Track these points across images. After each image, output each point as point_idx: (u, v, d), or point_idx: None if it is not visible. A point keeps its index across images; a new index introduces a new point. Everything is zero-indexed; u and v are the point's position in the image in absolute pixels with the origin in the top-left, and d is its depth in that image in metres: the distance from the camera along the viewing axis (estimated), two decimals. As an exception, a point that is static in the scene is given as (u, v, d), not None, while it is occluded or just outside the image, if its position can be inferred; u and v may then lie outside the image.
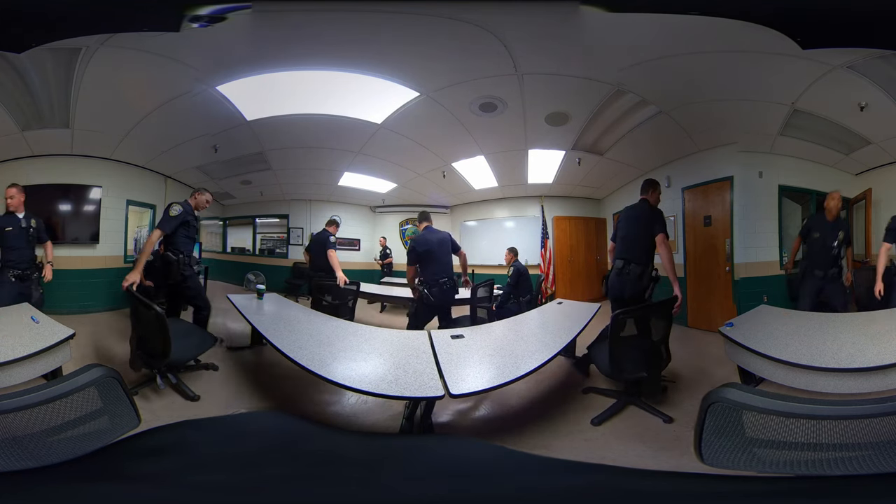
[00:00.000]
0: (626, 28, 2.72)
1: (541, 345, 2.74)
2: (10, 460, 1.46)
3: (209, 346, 3.03)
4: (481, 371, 2.38)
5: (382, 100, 3.56)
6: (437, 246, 3.51)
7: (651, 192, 3.36)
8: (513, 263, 4.21)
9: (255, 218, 4.88)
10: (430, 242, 3.52)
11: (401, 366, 2.37)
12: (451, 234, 3.70)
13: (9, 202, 3.20)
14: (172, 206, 3.42)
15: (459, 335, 2.89)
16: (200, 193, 3.64)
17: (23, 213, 3.24)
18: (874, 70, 2.83)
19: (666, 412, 2.61)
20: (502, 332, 3.18)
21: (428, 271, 3.46)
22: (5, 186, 3.29)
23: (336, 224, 4.24)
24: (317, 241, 4.27)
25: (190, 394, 2.77)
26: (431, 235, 3.56)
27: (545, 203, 4.75)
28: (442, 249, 3.51)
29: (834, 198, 3.28)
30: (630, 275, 3.26)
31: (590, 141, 3.97)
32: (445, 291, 3.47)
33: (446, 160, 4.34)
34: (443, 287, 3.44)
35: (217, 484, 1.51)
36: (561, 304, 3.98)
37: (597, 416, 2.60)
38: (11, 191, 3.21)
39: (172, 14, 2.52)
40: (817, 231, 3.31)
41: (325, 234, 4.21)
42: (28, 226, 3.21)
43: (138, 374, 2.86)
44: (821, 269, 3.25)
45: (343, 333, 3.00)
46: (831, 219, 3.28)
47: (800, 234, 3.43)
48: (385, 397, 2.13)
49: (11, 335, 2.49)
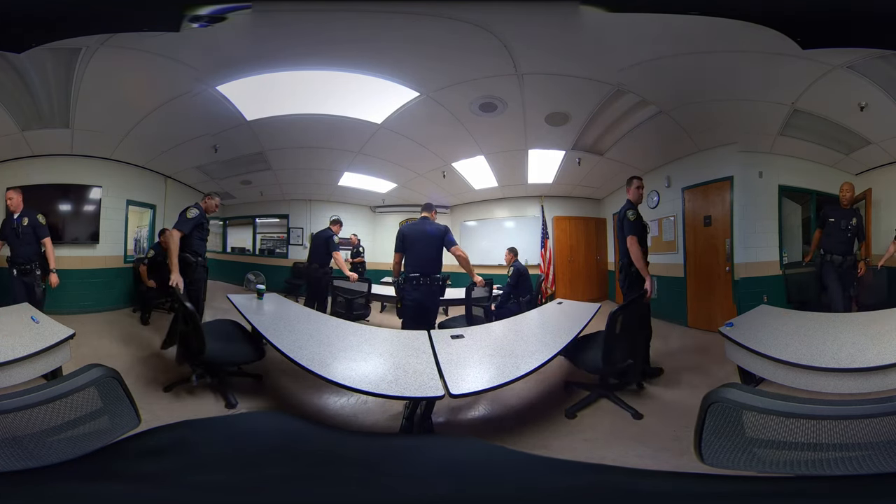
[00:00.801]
0: (626, 28, 2.72)
1: (541, 345, 2.74)
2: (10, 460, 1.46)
3: (255, 359, 2.94)
4: (481, 371, 2.38)
5: (382, 100, 3.56)
6: (422, 237, 3.24)
7: (628, 189, 3.41)
8: (513, 263, 4.20)
9: (255, 218, 4.88)
10: (416, 232, 3.26)
11: (401, 366, 2.37)
12: (450, 229, 3.36)
13: (8, 203, 3.31)
14: (189, 209, 3.50)
15: (459, 335, 2.89)
16: (210, 198, 3.72)
17: (18, 213, 3.32)
18: (874, 70, 2.83)
19: (638, 408, 2.69)
20: (502, 332, 3.18)
21: (406, 263, 3.23)
22: (4, 188, 3.33)
23: (339, 223, 4.24)
24: (318, 238, 4.27)
25: (231, 401, 2.77)
26: (422, 225, 3.31)
27: (545, 203, 4.75)
28: (426, 242, 3.22)
29: (846, 188, 3.33)
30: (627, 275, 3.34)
31: (590, 141, 3.97)
32: (416, 288, 3.17)
33: (446, 160, 4.34)
34: (413, 283, 3.17)
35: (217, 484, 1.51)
36: (561, 304, 3.98)
37: (570, 408, 2.70)
38: (10, 193, 3.33)
39: (172, 14, 2.52)
40: (832, 216, 3.35)
41: (328, 232, 4.21)
42: (18, 224, 3.31)
43: (176, 372, 2.94)
44: (839, 255, 3.29)
45: (343, 333, 2.99)
46: (846, 206, 3.33)
47: (818, 225, 3.45)
48: (385, 397, 2.13)
49: (11, 335, 2.49)
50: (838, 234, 3.32)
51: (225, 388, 2.84)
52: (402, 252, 3.30)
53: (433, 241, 3.24)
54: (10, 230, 3.30)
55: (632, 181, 3.40)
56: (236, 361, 2.98)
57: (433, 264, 3.23)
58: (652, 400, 2.94)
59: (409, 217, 5.07)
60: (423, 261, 3.22)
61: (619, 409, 2.72)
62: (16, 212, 3.31)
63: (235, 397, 2.79)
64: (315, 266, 4.06)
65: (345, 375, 2.25)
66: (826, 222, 3.38)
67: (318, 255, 4.13)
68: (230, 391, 2.82)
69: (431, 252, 3.24)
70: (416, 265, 3.22)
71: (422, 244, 3.24)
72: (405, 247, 3.28)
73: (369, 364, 2.50)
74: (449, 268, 3.48)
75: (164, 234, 3.80)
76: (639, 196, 3.38)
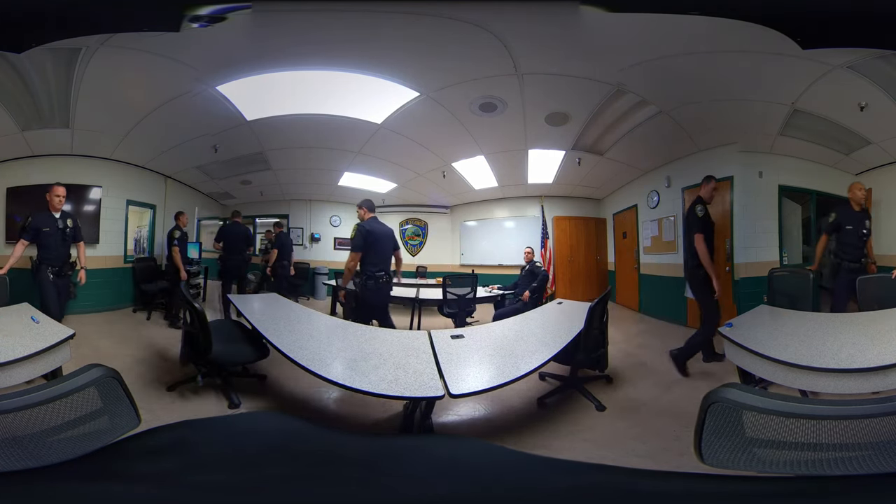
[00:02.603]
0: (626, 28, 2.72)
1: (541, 345, 2.74)
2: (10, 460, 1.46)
3: (259, 358, 2.94)
4: (481, 371, 2.38)
5: (382, 100, 3.56)
6: (384, 236, 3.41)
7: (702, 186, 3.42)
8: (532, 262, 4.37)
9: (255, 218, 4.88)
10: (378, 233, 3.39)
11: (401, 366, 2.37)
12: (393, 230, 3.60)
13: (57, 200, 3.25)
14: None
15: (459, 335, 2.89)
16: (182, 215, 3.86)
17: (59, 214, 3.28)
18: (874, 70, 2.83)
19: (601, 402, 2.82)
20: (502, 332, 3.18)
21: (369, 262, 3.33)
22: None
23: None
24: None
25: (235, 400, 2.77)
26: (379, 226, 3.42)
27: (545, 203, 4.75)
28: (387, 244, 3.42)
29: (858, 187, 3.22)
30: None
31: (590, 141, 3.97)
32: (381, 286, 3.35)
33: (446, 160, 4.35)
34: (378, 281, 3.32)
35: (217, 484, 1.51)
36: (561, 304, 3.97)
37: (542, 397, 2.87)
38: (59, 189, 3.27)
39: (172, 14, 2.52)
40: (849, 223, 3.19)
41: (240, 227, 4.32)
42: (65, 226, 3.28)
43: (177, 372, 2.97)
44: (856, 262, 3.15)
45: (343, 333, 2.99)
46: (858, 209, 3.22)
47: (825, 231, 3.30)
48: (385, 397, 2.13)
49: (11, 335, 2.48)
50: (855, 241, 3.16)
51: (228, 388, 2.84)
52: (362, 251, 3.33)
53: (390, 242, 3.46)
54: (56, 231, 3.22)
55: (708, 179, 3.37)
56: (241, 361, 2.99)
57: (389, 263, 3.43)
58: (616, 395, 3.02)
59: (410, 217, 5.08)
60: (386, 259, 3.39)
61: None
62: (55, 211, 3.26)
63: (238, 397, 2.79)
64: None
65: (345, 375, 2.25)
66: (842, 229, 3.20)
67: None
68: (233, 391, 2.82)
69: (389, 252, 3.43)
70: (380, 263, 3.35)
71: (382, 243, 3.38)
72: (371, 247, 3.33)
73: (369, 364, 2.49)
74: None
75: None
76: (711, 194, 3.36)
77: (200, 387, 2.86)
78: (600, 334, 3.00)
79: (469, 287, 4.00)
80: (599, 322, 3.00)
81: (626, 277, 4.72)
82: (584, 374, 3.12)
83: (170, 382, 2.90)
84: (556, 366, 2.91)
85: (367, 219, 3.45)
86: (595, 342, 2.92)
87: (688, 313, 3.86)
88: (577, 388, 3.00)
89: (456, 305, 3.90)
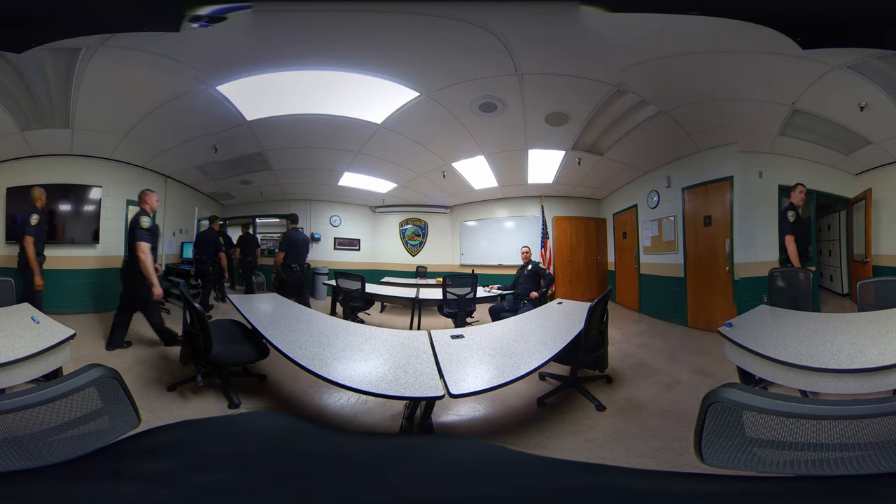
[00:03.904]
0: (626, 28, 2.72)
1: (541, 345, 2.74)
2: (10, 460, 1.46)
3: (259, 358, 2.95)
4: (481, 371, 2.38)
5: (382, 100, 3.56)
6: (301, 242, 4.58)
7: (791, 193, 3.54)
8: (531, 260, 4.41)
9: (255, 218, 4.88)
10: (297, 240, 4.53)
11: (401, 366, 2.36)
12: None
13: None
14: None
15: (459, 335, 2.89)
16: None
17: None
18: (874, 70, 2.83)
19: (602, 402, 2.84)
20: (502, 332, 3.18)
21: (290, 258, 4.43)
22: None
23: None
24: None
25: (235, 400, 2.78)
26: (298, 234, 4.55)
27: (545, 203, 4.75)
28: (303, 247, 4.59)
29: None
30: None
31: (590, 141, 3.97)
32: (295, 274, 4.42)
33: (446, 160, 4.35)
34: (293, 270, 4.41)
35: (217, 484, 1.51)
36: (561, 304, 3.97)
37: (542, 397, 2.89)
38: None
39: (172, 14, 2.52)
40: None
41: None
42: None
43: (177, 371, 2.99)
44: None
45: (343, 333, 2.99)
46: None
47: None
48: (385, 397, 2.13)
49: (11, 335, 2.48)
50: None
51: (228, 388, 2.84)
52: (286, 251, 4.49)
53: (305, 246, 4.63)
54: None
55: (796, 186, 3.49)
56: (241, 361, 2.99)
57: (304, 258, 4.59)
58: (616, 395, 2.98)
59: (410, 217, 5.10)
60: (302, 256, 4.55)
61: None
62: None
63: (238, 397, 2.79)
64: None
65: (345, 375, 2.25)
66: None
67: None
68: (233, 391, 2.82)
69: (305, 255, 4.60)
70: (297, 259, 4.46)
71: (302, 248, 4.58)
72: (293, 249, 4.47)
73: (369, 364, 2.49)
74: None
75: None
76: (801, 199, 3.47)
77: (200, 387, 2.86)
78: (600, 334, 3.02)
79: (469, 287, 4.00)
80: (599, 322, 3.00)
81: (626, 277, 4.72)
82: (584, 374, 3.12)
83: (170, 382, 2.90)
84: (556, 366, 2.91)
85: (291, 228, 4.54)
86: (595, 342, 2.93)
87: (688, 313, 3.86)
88: (577, 388, 3.00)
89: (456, 305, 3.92)
